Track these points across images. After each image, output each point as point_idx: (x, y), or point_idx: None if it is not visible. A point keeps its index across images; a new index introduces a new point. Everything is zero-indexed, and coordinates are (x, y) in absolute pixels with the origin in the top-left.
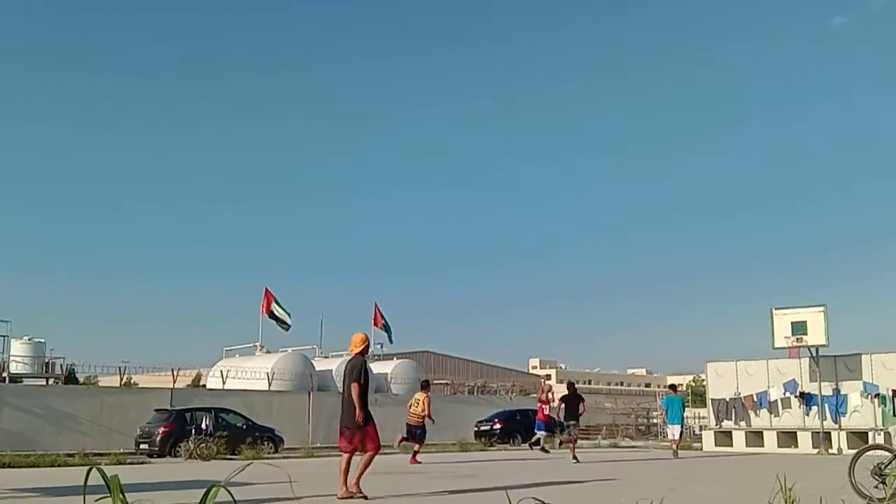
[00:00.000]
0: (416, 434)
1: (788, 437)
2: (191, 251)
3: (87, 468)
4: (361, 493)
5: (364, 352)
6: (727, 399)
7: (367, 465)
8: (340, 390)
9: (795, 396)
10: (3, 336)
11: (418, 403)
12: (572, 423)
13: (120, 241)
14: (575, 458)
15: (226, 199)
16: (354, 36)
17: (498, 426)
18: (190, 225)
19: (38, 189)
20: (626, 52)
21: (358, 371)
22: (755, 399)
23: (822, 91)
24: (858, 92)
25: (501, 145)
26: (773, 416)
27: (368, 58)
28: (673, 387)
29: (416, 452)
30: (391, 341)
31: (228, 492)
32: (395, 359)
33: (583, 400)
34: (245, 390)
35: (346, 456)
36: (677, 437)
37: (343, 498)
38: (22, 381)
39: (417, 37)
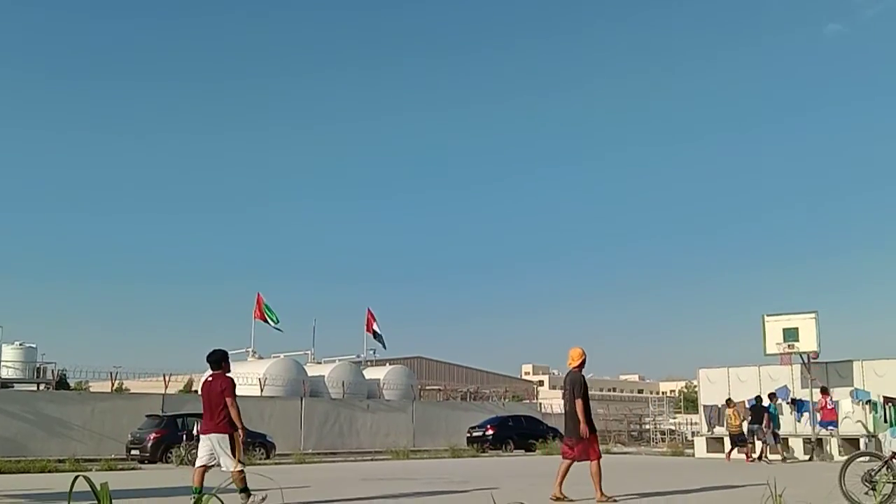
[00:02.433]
0: (739, 441)
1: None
2: (183, 256)
3: (77, 474)
4: (609, 497)
5: (582, 366)
6: (719, 405)
7: (598, 472)
8: (564, 402)
9: (787, 403)
10: None
11: (732, 417)
12: (756, 426)
13: (112, 246)
14: (754, 459)
15: (218, 205)
16: (346, 41)
17: (490, 432)
18: (182, 230)
19: (30, 193)
20: (620, 58)
21: (580, 386)
22: (747, 406)
23: (815, 98)
24: (852, 99)
25: (495, 152)
26: (727, 424)
27: (360, 63)
28: (771, 395)
29: (748, 454)
30: (384, 347)
31: (221, 501)
32: (387, 364)
33: (767, 410)
34: (237, 396)
35: (566, 462)
36: (771, 443)
37: (554, 499)
38: (13, 387)
39: (410, 42)
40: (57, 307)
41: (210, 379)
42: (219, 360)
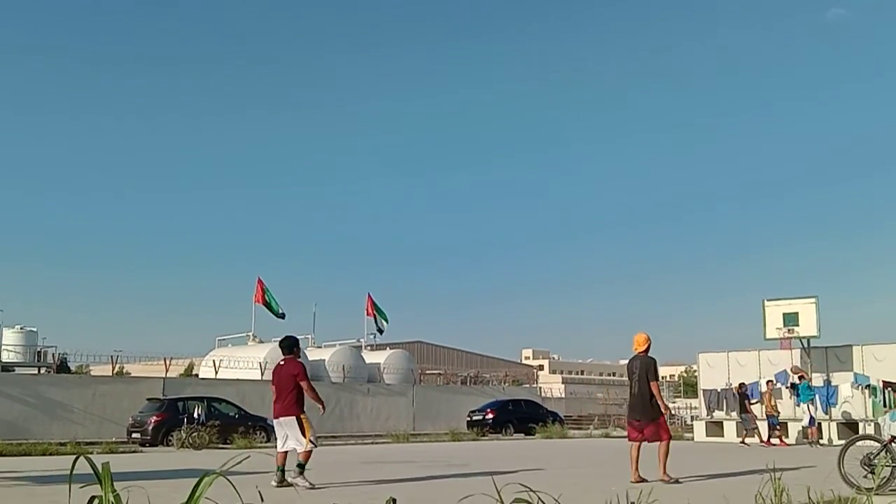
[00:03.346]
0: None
1: (779, 428)
2: (184, 240)
3: (78, 454)
4: (672, 478)
5: (648, 349)
6: (718, 390)
7: (667, 453)
8: (633, 385)
9: (786, 387)
10: None
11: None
12: (745, 415)
13: (113, 230)
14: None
15: (219, 188)
16: (347, 25)
17: (490, 416)
18: (183, 214)
19: (30, 178)
20: (619, 43)
21: (654, 370)
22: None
23: (817, 82)
24: (854, 84)
25: (496, 135)
26: (764, 406)
27: (361, 47)
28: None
29: (769, 438)
30: (380, 332)
31: (229, 481)
32: (387, 349)
33: (747, 398)
34: (237, 380)
35: (636, 444)
36: (806, 424)
37: (635, 482)
38: (14, 370)
39: (411, 26)
40: (58, 291)
41: (282, 363)
42: (291, 346)
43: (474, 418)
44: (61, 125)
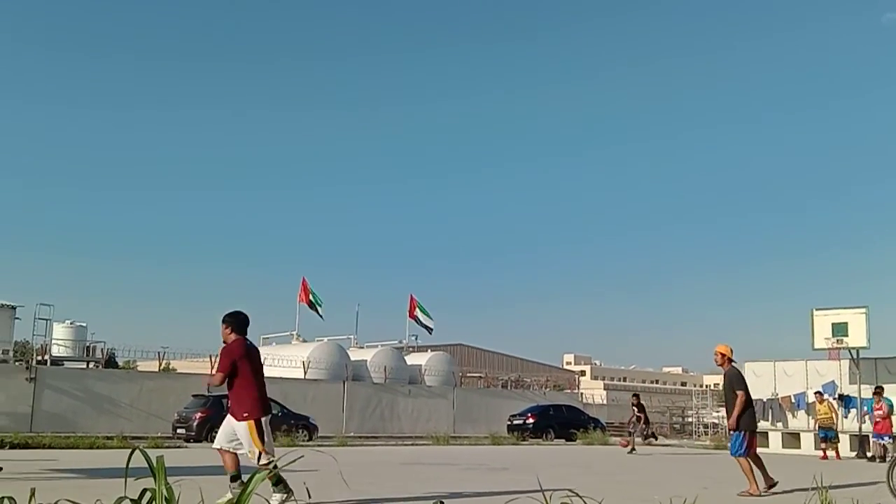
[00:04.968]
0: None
1: (825, 441)
2: (231, 239)
3: (125, 450)
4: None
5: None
6: (764, 399)
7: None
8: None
9: (834, 398)
10: (46, 319)
11: (823, 410)
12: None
13: (161, 227)
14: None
15: (266, 187)
16: (404, 23)
17: (531, 421)
18: (230, 213)
19: (83, 174)
20: (668, 41)
21: (743, 380)
22: (793, 400)
23: (870, 86)
24: None
25: (544, 136)
26: (810, 417)
27: (400, 44)
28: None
29: (825, 451)
30: (430, 330)
31: (283, 479)
32: (429, 351)
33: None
34: (281, 378)
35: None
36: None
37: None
38: (63, 364)
39: (464, 23)
40: (108, 287)
41: (249, 344)
42: (248, 322)
43: (515, 422)
44: (112, 119)
